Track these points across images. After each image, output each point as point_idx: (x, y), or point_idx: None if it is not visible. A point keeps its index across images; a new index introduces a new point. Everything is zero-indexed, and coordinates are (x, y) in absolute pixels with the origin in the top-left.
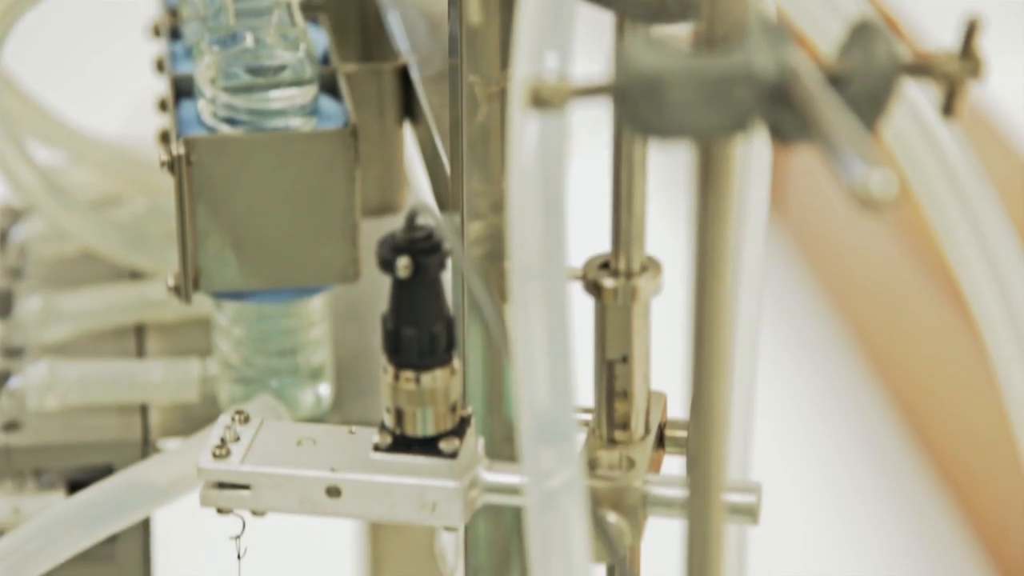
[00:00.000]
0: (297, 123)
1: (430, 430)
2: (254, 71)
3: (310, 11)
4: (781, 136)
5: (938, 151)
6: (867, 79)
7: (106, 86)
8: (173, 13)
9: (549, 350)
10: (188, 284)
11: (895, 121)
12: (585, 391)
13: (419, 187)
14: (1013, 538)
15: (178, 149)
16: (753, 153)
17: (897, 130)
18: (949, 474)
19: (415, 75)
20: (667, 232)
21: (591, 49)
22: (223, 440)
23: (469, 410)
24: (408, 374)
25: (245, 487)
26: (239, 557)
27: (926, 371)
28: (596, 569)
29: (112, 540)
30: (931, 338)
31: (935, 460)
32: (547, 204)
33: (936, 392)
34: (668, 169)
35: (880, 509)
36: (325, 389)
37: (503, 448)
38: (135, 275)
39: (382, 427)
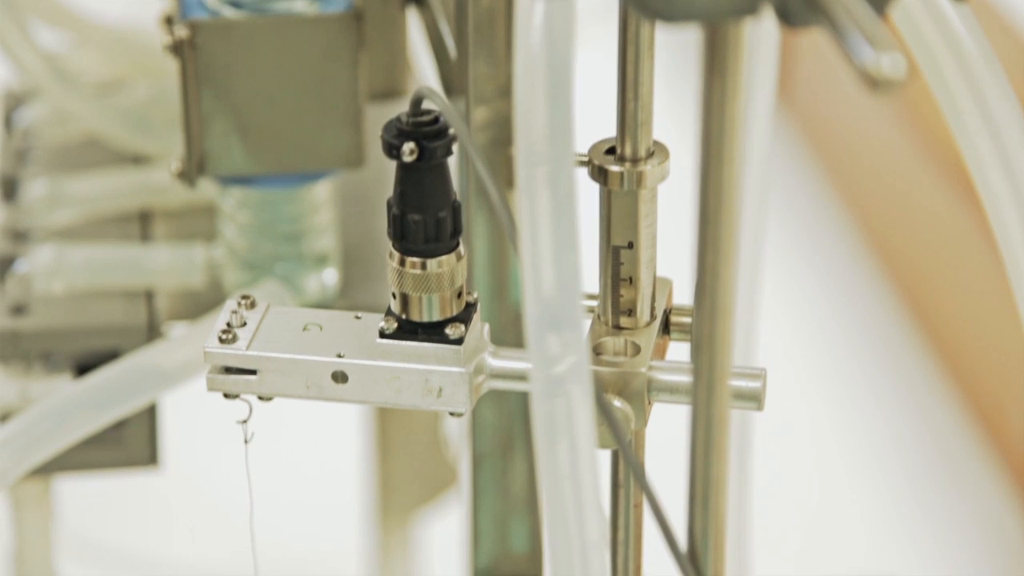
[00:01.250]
0: (301, 6)
1: (436, 316)
2: None
3: None
4: (789, 19)
5: (947, 32)
6: None
7: None
8: None
9: (555, 236)
10: (193, 169)
11: (904, 2)
12: (591, 277)
13: (424, 72)
14: (1014, 423)
15: (181, 32)
16: (761, 36)
17: (906, 11)
18: (952, 360)
19: None
20: (675, 117)
21: None
22: (229, 325)
23: (475, 296)
24: (414, 260)
25: (251, 372)
26: (246, 442)
27: (932, 259)
28: (601, 455)
29: (119, 424)
30: (937, 226)
31: (939, 347)
32: (554, 88)
33: (941, 280)
34: (675, 53)
35: (883, 395)
36: (330, 275)
37: (508, 334)
38: (139, 160)
39: (388, 313)
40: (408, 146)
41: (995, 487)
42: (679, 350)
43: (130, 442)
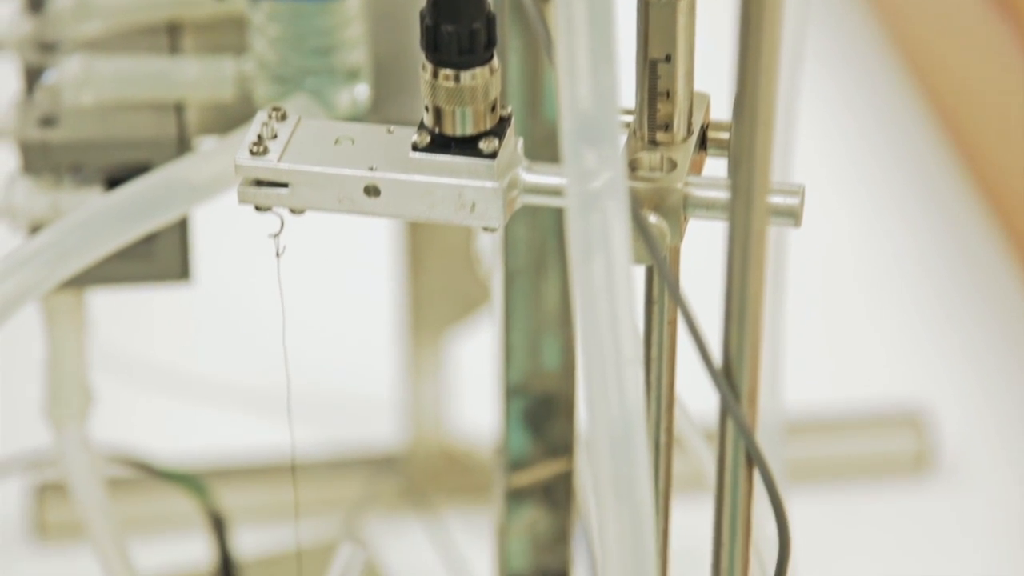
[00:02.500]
0: None
1: (469, 129)
2: None
3: None
4: None
5: None
6: None
7: None
8: None
9: (592, 48)
10: None
11: None
12: (627, 92)
13: None
14: None
15: None
16: None
17: None
18: (989, 183)
19: None
20: None
21: None
22: (260, 137)
23: (509, 110)
24: (447, 72)
25: (283, 185)
26: (277, 256)
27: (968, 76)
28: (636, 270)
29: (150, 238)
30: (975, 42)
31: (976, 170)
32: None
33: (978, 100)
34: None
35: (918, 215)
36: (362, 90)
37: (542, 150)
38: None
39: (421, 126)
40: None
41: None
42: (716, 166)
43: (161, 256)
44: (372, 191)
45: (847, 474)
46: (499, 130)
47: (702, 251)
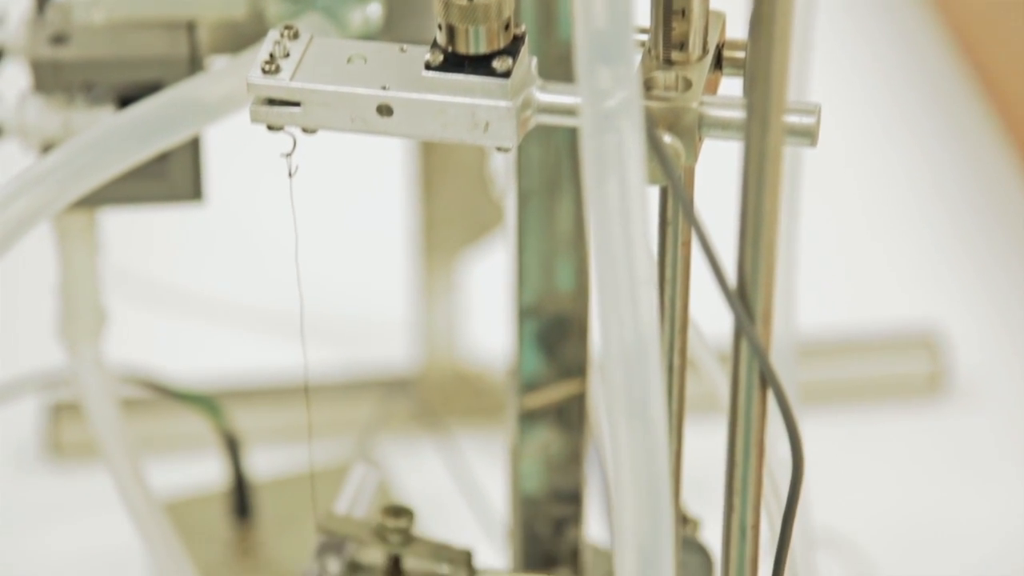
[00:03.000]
0: None
1: (483, 48)
2: None
3: None
4: None
5: None
6: None
7: None
8: None
9: None
10: None
11: None
12: (642, 10)
13: None
14: None
15: None
16: None
17: None
18: (999, 95)
19: None
20: None
21: None
22: (272, 56)
23: (523, 28)
24: None
25: (295, 104)
26: (290, 175)
27: (988, 8)
28: (650, 191)
29: (163, 158)
30: None
31: (991, 90)
32: None
33: (989, 12)
34: None
35: (932, 135)
36: (374, 8)
37: (556, 69)
38: None
39: (434, 45)
40: None
41: None
42: (731, 86)
43: (174, 176)
44: (385, 110)
45: (861, 396)
46: (513, 49)
47: (717, 171)
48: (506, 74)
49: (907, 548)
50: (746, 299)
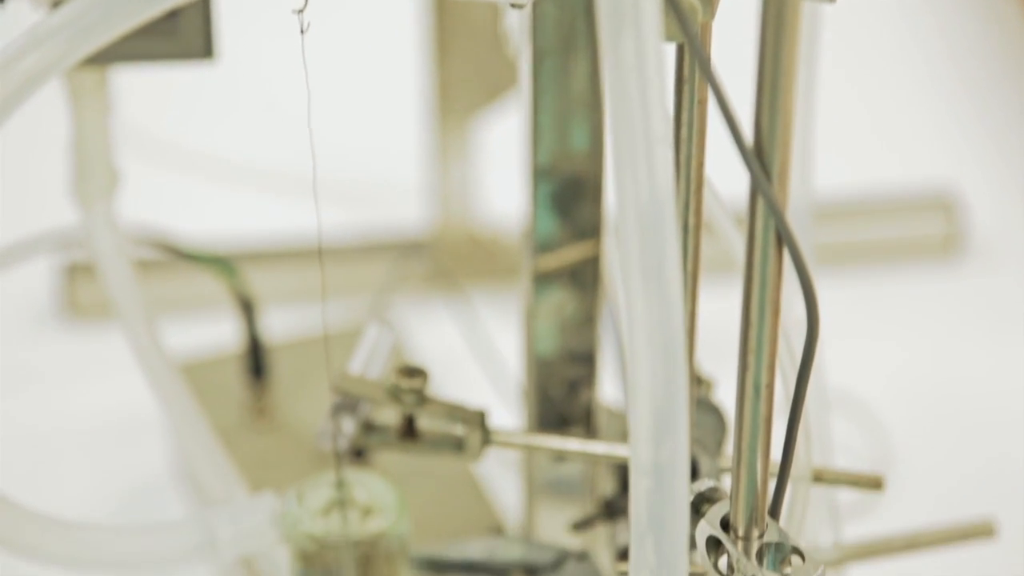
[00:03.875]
0: None
1: None
2: None
3: None
4: None
5: None
6: None
7: None
8: None
9: None
10: None
11: None
12: None
13: None
14: None
15: None
16: None
17: None
18: None
19: None
20: None
21: None
22: None
23: None
24: None
25: None
26: (302, 32)
27: None
28: (666, 48)
29: (173, 15)
30: None
31: None
32: None
33: None
34: None
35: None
36: None
37: None
38: None
39: None
40: None
41: None
42: None
43: (185, 33)
44: None
45: (876, 257)
46: None
47: (734, 28)
48: None
49: (920, 409)
50: (763, 157)
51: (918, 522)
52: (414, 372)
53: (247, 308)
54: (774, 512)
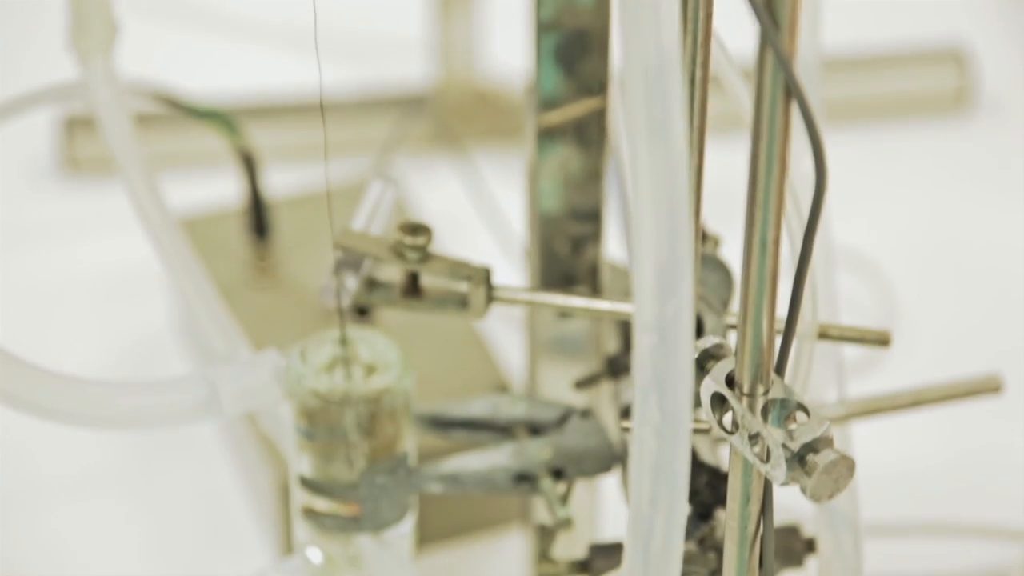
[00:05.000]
0: None
1: None
2: None
3: None
4: None
5: None
6: None
7: None
8: None
9: None
10: None
11: None
12: None
13: None
14: None
15: None
16: None
17: None
18: None
19: None
20: None
21: None
22: None
23: None
24: None
25: None
26: None
27: None
28: None
29: None
30: None
31: None
32: None
33: None
34: None
35: None
36: None
37: None
38: None
39: None
40: None
41: None
42: None
43: None
44: None
45: (886, 112)
46: None
47: None
48: None
49: (927, 266)
50: (772, 7)
51: (924, 379)
52: (417, 229)
53: (248, 164)
54: (779, 369)
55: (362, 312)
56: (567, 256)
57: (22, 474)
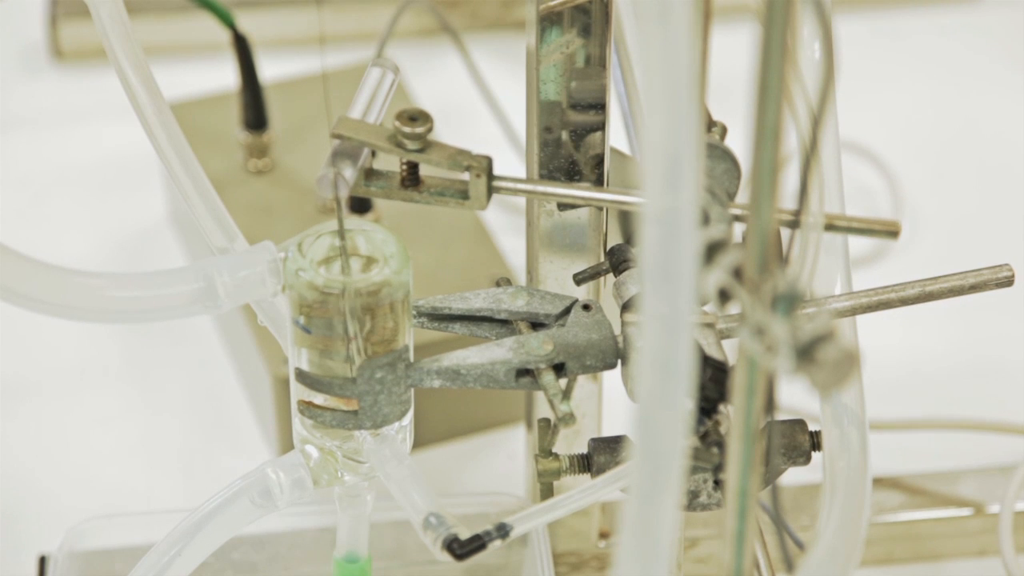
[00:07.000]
0: None
1: None
2: None
3: None
4: None
5: None
6: None
7: None
8: None
9: None
10: None
11: None
12: None
13: None
14: None
15: None
16: None
17: None
18: None
19: None
20: None
21: None
22: None
23: None
24: None
25: None
26: None
27: None
28: None
29: None
30: None
31: None
32: None
33: None
34: None
35: None
36: None
37: None
38: None
39: None
40: None
41: None
42: None
43: None
44: None
45: None
46: None
47: None
48: None
49: (937, 156)
50: None
51: (932, 271)
52: (417, 117)
53: (243, 50)
54: (786, 260)
55: (362, 205)
56: (570, 145)
57: (20, 368)
